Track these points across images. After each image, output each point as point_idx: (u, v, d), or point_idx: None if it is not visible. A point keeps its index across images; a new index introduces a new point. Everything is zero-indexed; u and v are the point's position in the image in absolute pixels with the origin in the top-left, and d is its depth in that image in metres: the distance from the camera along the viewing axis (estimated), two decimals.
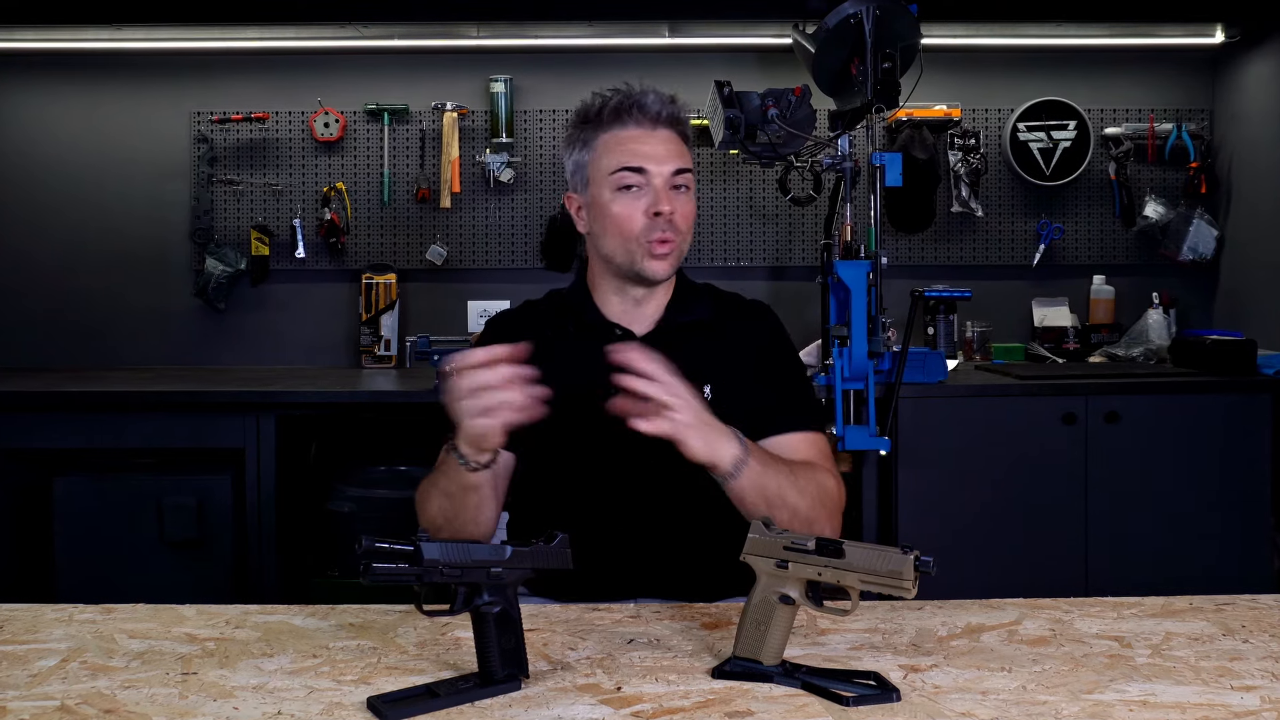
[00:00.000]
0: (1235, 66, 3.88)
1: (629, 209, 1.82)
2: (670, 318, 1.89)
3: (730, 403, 1.80)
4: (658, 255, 1.81)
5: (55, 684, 1.29)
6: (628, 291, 1.89)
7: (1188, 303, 3.99)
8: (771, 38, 3.82)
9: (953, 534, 3.18)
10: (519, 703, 1.23)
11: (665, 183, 1.82)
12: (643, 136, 1.83)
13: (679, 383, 1.56)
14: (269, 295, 4.00)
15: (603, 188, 1.84)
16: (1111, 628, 1.47)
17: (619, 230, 1.82)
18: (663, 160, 1.82)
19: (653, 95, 1.85)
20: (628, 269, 1.84)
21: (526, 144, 3.98)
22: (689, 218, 1.85)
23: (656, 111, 1.84)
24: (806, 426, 1.86)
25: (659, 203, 1.80)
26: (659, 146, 1.83)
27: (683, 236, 1.84)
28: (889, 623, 1.50)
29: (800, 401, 1.91)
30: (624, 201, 1.82)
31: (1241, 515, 3.24)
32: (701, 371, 1.81)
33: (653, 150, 1.82)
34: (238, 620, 1.51)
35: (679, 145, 1.86)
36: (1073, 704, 1.22)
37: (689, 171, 1.86)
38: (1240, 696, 1.24)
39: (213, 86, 3.97)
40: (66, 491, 3.30)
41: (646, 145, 1.83)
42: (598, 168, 1.85)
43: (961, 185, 3.89)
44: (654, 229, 1.81)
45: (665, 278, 1.85)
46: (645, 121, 1.84)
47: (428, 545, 1.26)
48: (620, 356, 1.56)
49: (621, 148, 1.83)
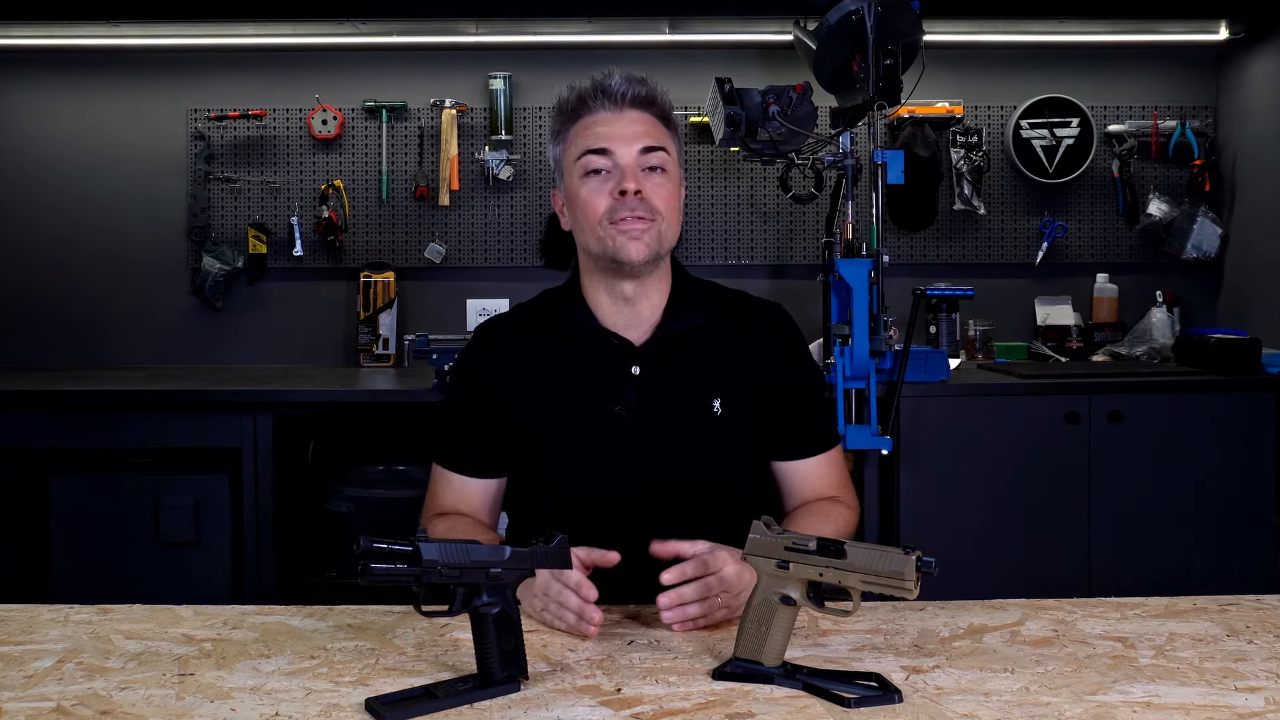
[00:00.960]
0: (1239, 63, 3.88)
1: (595, 194, 1.74)
2: (668, 324, 1.80)
3: (740, 419, 1.78)
4: (628, 233, 1.72)
5: (51, 685, 1.29)
6: (616, 288, 1.79)
7: (1191, 301, 3.98)
8: (772, 34, 3.80)
9: (955, 534, 3.17)
10: (518, 704, 1.23)
11: (634, 162, 1.73)
12: (608, 119, 1.76)
13: (717, 579, 1.51)
14: (266, 294, 3.99)
15: (572, 176, 1.77)
16: (1115, 628, 1.47)
17: (587, 216, 1.75)
18: (630, 140, 1.74)
19: (618, 77, 1.77)
20: (604, 257, 1.75)
21: (526, 141, 3.97)
22: (668, 198, 1.75)
23: (621, 92, 1.76)
24: (825, 447, 1.86)
25: (624, 180, 1.72)
26: (626, 127, 1.75)
27: (661, 217, 1.74)
28: (891, 624, 1.49)
29: (817, 420, 1.89)
30: (590, 186, 1.75)
31: (1246, 515, 3.23)
32: (707, 385, 1.79)
33: (619, 131, 1.75)
34: (235, 621, 1.51)
35: (651, 124, 1.77)
36: (1076, 705, 1.22)
37: (661, 150, 1.76)
38: (1245, 698, 1.24)
39: (210, 83, 3.96)
40: (63, 491, 3.28)
41: (612, 126, 1.75)
42: (568, 156, 1.79)
43: (964, 183, 3.88)
44: (620, 209, 1.72)
45: (641, 260, 1.73)
46: (609, 104, 1.76)
47: (426, 546, 1.25)
48: (662, 551, 1.54)
49: (589, 132, 1.76)
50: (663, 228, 1.74)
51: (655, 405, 1.75)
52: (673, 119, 1.82)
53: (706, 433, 1.77)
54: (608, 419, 1.74)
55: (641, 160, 1.74)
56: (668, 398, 1.77)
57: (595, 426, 1.72)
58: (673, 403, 1.77)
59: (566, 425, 1.75)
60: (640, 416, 1.74)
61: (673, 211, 1.77)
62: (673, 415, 1.76)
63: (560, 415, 1.77)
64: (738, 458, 1.76)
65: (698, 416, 1.77)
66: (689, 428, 1.77)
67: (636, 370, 1.77)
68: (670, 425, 1.75)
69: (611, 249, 1.73)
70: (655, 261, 1.76)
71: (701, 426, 1.77)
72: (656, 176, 1.75)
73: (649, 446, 1.72)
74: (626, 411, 1.74)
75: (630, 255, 1.72)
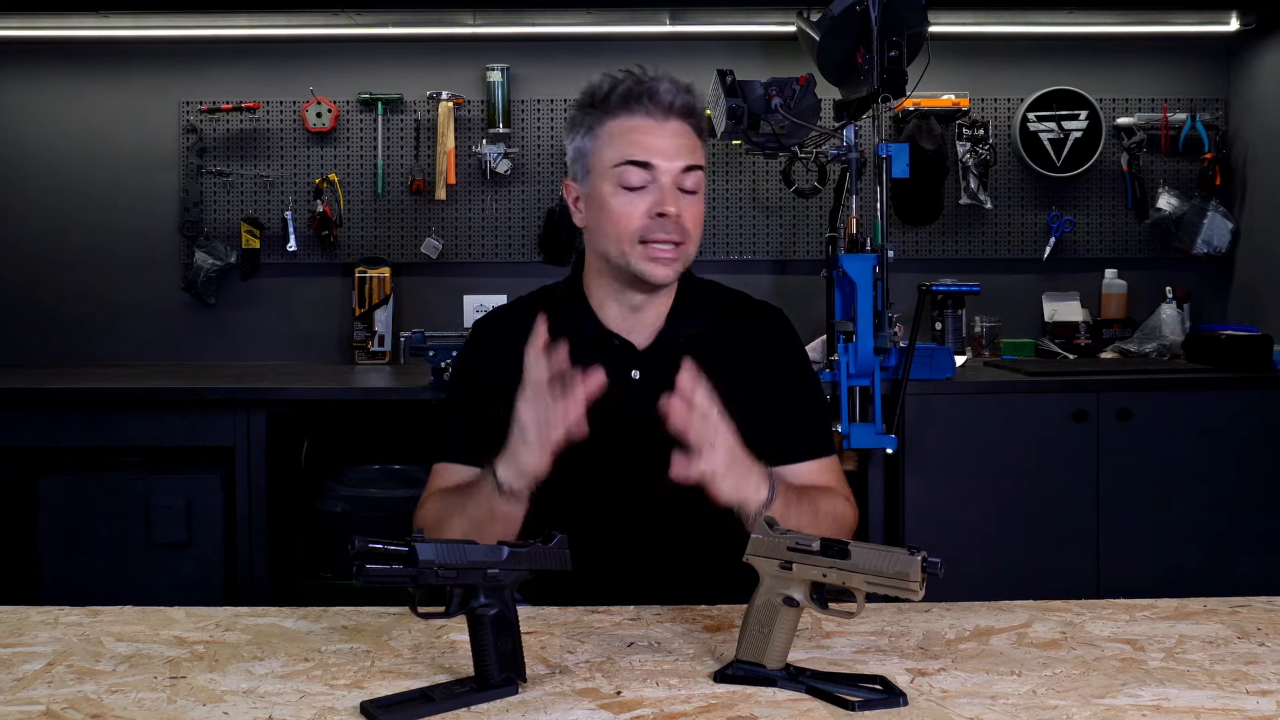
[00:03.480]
0: (1251, 55, 3.86)
1: (630, 207, 1.70)
2: (672, 329, 1.79)
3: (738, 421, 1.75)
4: (658, 259, 1.70)
5: (40, 688, 1.28)
6: (625, 297, 1.77)
7: (1202, 297, 3.97)
8: (775, 25, 3.79)
9: (961, 534, 3.17)
10: (516, 707, 1.23)
11: (673, 181, 1.70)
12: (652, 128, 1.70)
13: (719, 415, 1.53)
14: (260, 289, 3.97)
15: (604, 180, 1.72)
16: (1124, 630, 1.46)
17: (617, 229, 1.71)
18: (672, 156, 1.70)
19: (666, 83, 1.71)
20: (624, 271, 1.73)
21: (524, 134, 3.95)
22: (697, 220, 1.73)
23: (669, 101, 1.70)
24: (820, 452, 1.84)
25: (664, 202, 1.68)
26: (669, 140, 1.70)
27: (691, 240, 1.72)
28: (895, 625, 1.49)
29: (814, 424, 1.86)
30: (625, 198, 1.70)
31: (1257, 515, 3.23)
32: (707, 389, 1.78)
33: (662, 144, 1.70)
34: (227, 623, 1.50)
35: (691, 139, 1.73)
36: (1084, 709, 1.22)
37: (699, 169, 1.73)
38: (1256, 701, 1.23)
39: (202, 75, 3.94)
40: (52, 491, 3.27)
41: (655, 138, 1.70)
42: (600, 158, 1.73)
43: (970, 177, 3.87)
44: (655, 230, 1.69)
45: (666, 284, 1.73)
46: (656, 111, 1.70)
47: (422, 546, 1.25)
48: (677, 378, 1.53)
49: (627, 139, 1.70)
50: (688, 250, 1.74)
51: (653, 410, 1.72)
52: (705, 129, 1.79)
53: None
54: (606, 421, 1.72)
55: (680, 179, 1.71)
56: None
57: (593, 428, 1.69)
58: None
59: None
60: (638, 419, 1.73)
61: (699, 231, 1.76)
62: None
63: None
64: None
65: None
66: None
67: (636, 374, 1.78)
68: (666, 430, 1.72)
69: (637, 268, 1.71)
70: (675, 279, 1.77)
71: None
72: (689, 197, 1.73)
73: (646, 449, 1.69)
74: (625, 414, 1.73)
75: (656, 278, 1.72)
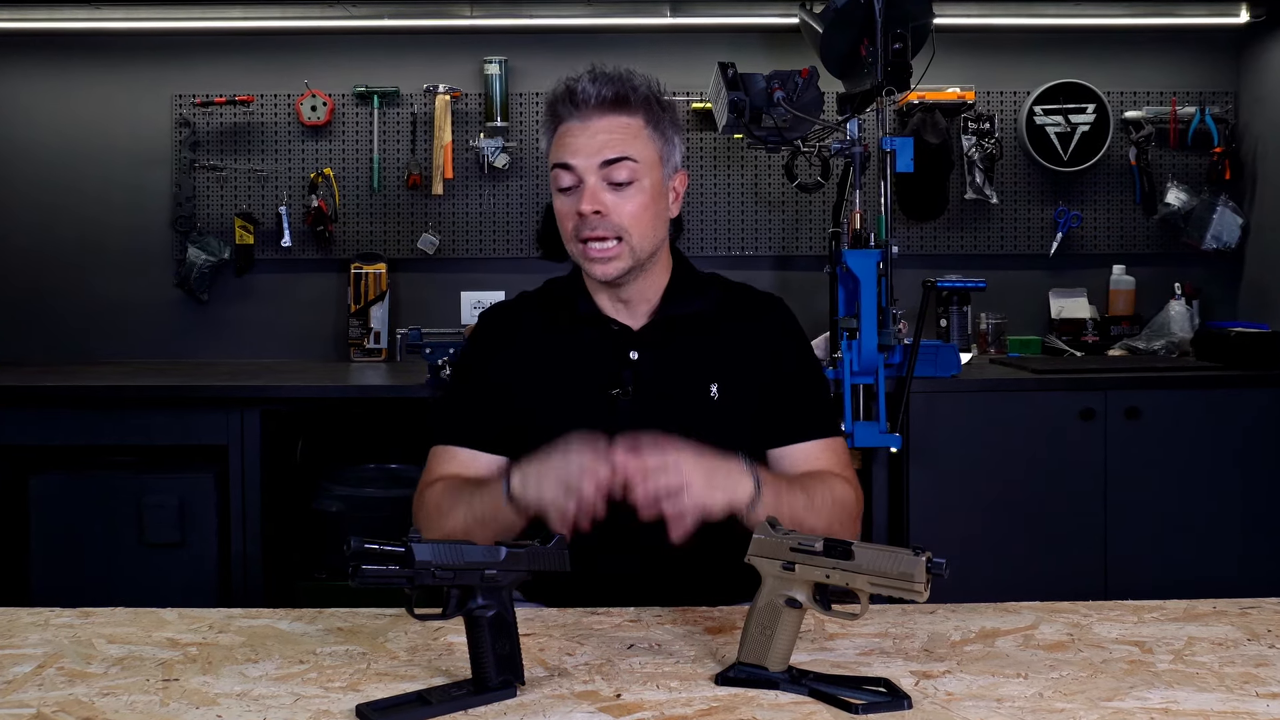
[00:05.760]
0: (1260, 47, 3.85)
1: (565, 208, 1.74)
2: (667, 310, 1.81)
3: (738, 404, 1.79)
4: (595, 257, 1.72)
5: (31, 691, 1.28)
6: (607, 290, 1.80)
7: (1211, 294, 3.95)
8: (777, 17, 3.78)
9: (966, 534, 3.17)
10: (514, 710, 1.23)
11: (599, 178, 1.71)
12: (575, 129, 1.72)
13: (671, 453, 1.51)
14: (254, 286, 3.96)
15: (552, 185, 1.77)
16: (1132, 632, 1.46)
17: (563, 231, 1.76)
18: (591, 153, 1.70)
19: (587, 79, 1.72)
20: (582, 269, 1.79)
21: (522, 128, 3.94)
22: (634, 214, 1.72)
23: (588, 96, 1.71)
24: (822, 433, 1.83)
25: (580, 201, 1.71)
26: (590, 139, 1.71)
27: (631, 233, 1.72)
28: (900, 627, 1.49)
29: (815, 406, 1.86)
30: (561, 200, 1.75)
31: (1267, 514, 3.24)
32: (705, 369, 1.80)
33: (582, 143, 1.71)
34: (221, 624, 1.50)
35: (620, 130, 1.72)
36: (1091, 712, 1.21)
37: (627, 160, 1.71)
38: (1266, 704, 1.23)
39: (195, 68, 3.92)
40: (43, 490, 3.26)
41: (578, 138, 1.72)
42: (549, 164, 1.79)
43: (975, 171, 3.85)
44: (584, 229, 1.71)
45: (611, 279, 1.74)
46: (579, 111, 1.72)
47: (419, 546, 1.25)
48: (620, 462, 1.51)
49: (559, 143, 1.74)
50: (633, 243, 1.73)
51: (653, 390, 1.77)
52: (656, 111, 1.76)
53: (703, 417, 1.76)
54: (606, 403, 1.75)
55: (604, 174, 1.72)
56: (665, 382, 1.78)
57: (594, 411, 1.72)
58: (670, 387, 1.79)
59: (565, 410, 1.75)
60: (638, 401, 1.75)
61: (643, 224, 1.74)
62: (670, 399, 1.78)
63: (559, 400, 1.79)
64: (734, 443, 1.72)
65: (695, 401, 1.78)
66: (686, 412, 1.76)
67: (635, 355, 1.79)
68: (667, 409, 1.75)
69: (584, 266, 1.76)
70: (632, 272, 1.76)
71: (698, 411, 1.78)
72: (625, 190, 1.72)
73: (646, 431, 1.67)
74: (625, 396, 1.76)
75: (597, 275, 1.75)
